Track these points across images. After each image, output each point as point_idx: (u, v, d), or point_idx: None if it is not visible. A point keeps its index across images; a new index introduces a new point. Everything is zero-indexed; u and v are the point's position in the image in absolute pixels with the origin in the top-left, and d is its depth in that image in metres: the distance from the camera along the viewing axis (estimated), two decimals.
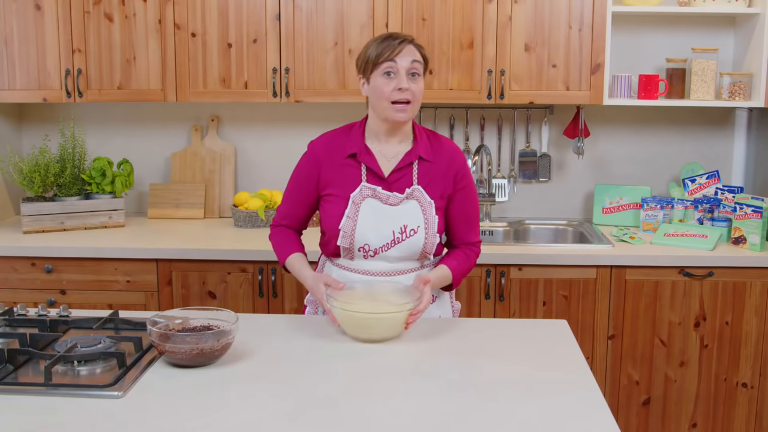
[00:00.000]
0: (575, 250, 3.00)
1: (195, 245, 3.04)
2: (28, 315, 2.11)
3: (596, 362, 3.02)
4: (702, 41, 3.40)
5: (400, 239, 2.09)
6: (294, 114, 3.58)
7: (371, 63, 2.04)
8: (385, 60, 2.02)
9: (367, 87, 2.09)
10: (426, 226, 2.10)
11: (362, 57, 2.09)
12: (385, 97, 2.03)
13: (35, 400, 1.62)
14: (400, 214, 2.09)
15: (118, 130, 3.66)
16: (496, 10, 3.11)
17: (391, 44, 2.03)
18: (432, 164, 2.13)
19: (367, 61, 2.06)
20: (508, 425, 1.52)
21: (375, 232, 2.08)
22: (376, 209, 2.09)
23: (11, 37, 3.24)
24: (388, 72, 2.02)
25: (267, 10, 3.17)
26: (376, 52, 2.04)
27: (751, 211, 2.98)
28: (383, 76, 2.03)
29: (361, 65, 2.09)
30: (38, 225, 3.21)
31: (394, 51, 2.02)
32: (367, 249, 2.10)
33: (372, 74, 2.05)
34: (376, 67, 2.04)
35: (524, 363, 1.84)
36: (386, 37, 2.07)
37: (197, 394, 1.65)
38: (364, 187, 2.10)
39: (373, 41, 2.09)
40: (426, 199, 2.11)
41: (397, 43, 2.03)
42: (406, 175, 2.12)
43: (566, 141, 3.53)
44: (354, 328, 1.95)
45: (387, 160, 2.12)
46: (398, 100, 2.03)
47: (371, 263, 2.12)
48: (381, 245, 2.09)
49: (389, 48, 2.02)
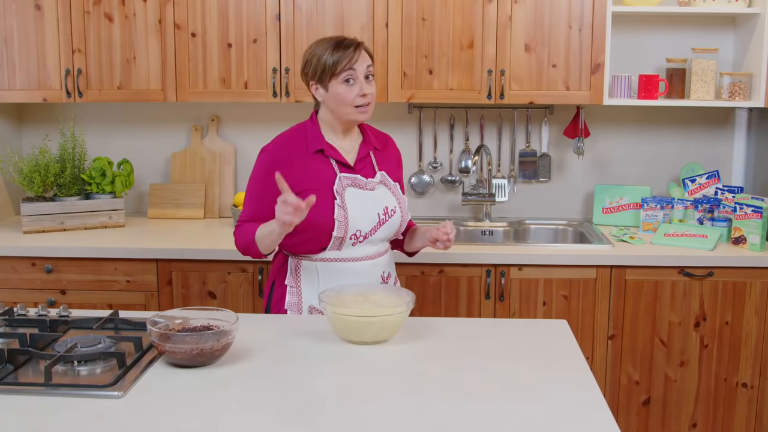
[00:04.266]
0: (575, 250, 3.00)
1: (195, 245, 3.04)
2: (28, 315, 2.11)
3: (596, 362, 3.02)
4: (702, 41, 3.40)
5: (385, 220, 2.24)
6: (294, 114, 3.58)
7: (329, 71, 2.13)
8: (344, 69, 2.13)
9: (322, 92, 2.19)
10: (400, 206, 2.29)
11: (315, 64, 2.16)
12: (349, 103, 2.16)
13: (35, 400, 1.62)
14: (380, 197, 2.25)
15: (118, 130, 3.66)
16: (496, 10, 3.11)
17: (347, 53, 2.13)
18: (382, 152, 2.34)
19: (323, 70, 2.14)
20: (508, 425, 1.52)
21: (364, 217, 2.20)
22: (359, 196, 2.21)
23: (11, 37, 3.24)
24: (347, 79, 2.14)
25: (267, 10, 3.17)
26: (332, 60, 2.12)
27: (751, 211, 2.98)
28: (343, 84, 2.14)
29: (315, 73, 2.17)
30: (38, 225, 3.21)
31: (352, 59, 2.13)
32: (358, 235, 2.20)
33: (330, 82, 2.15)
34: (335, 76, 2.14)
35: (524, 363, 1.84)
36: (337, 43, 2.15)
37: (197, 394, 1.65)
38: (342, 177, 2.20)
39: (322, 48, 2.16)
40: (391, 182, 2.31)
41: (353, 50, 2.14)
42: (368, 164, 2.28)
43: (566, 141, 3.53)
44: (346, 332, 1.95)
45: (347, 152, 2.26)
46: (361, 104, 2.16)
47: (358, 249, 2.22)
48: (370, 229, 2.22)
49: (346, 57, 2.12)
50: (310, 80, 2.20)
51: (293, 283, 2.26)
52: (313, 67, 2.16)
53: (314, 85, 2.19)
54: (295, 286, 2.25)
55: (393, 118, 3.56)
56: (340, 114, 2.19)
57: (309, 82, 2.21)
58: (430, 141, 3.57)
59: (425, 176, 3.58)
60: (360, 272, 2.23)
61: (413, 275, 2.98)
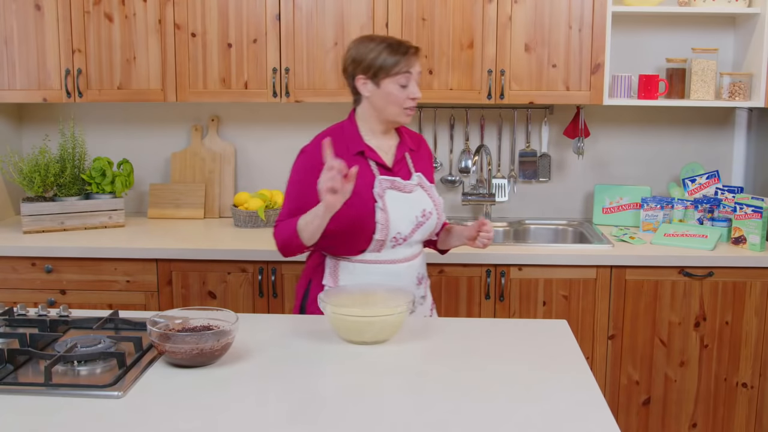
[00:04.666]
0: (575, 250, 3.00)
1: (195, 245, 3.04)
2: (28, 315, 2.11)
3: (596, 362, 3.02)
4: (702, 41, 3.40)
5: (422, 223, 2.25)
6: (294, 114, 3.59)
7: (385, 70, 2.16)
8: (401, 71, 2.17)
9: (371, 87, 2.19)
10: (436, 208, 2.29)
11: (371, 60, 2.17)
12: (399, 104, 2.19)
13: (35, 400, 1.62)
14: (418, 200, 2.26)
15: (118, 130, 3.66)
16: (496, 10, 3.11)
17: (407, 56, 2.17)
18: (417, 153, 2.35)
19: (381, 68, 2.16)
20: (508, 425, 1.52)
21: (404, 219, 2.21)
22: (399, 198, 2.22)
23: (11, 37, 3.24)
24: (402, 81, 2.17)
25: (267, 10, 3.17)
26: (392, 61, 2.15)
27: (751, 211, 2.98)
28: (397, 85, 2.17)
29: (369, 68, 2.17)
30: (38, 225, 3.21)
31: (410, 63, 2.18)
32: (398, 237, 2.22)
33: (384, 80, 2.17)
34: (391, 76, 2.16)
35: (524, 363, 1.84)
36: (396, 45, 2.18)
37: (197, 394, 1.65)
38: (382, 180, 2.21)
39: (381, 47, 2.17)
40: (427, 184, 2.32)
41: (411, 54, 2.19)
42: (404, 166, 2.29)
43: (566, 141, 3.53)
44: (346, 332, 1.95)
45: (385, 153, 2.26)
46: (409, 106, 2.20)
47: (398, 251, 2.24)
48: (409, 231, 2.23)
49: (405, 61, 2.17)
50: (359, 74, 2.19)
51: (332, 283, 2.26)
52: (368, 62, 2.17)
53: (363, 80, 2.19)
54: (334, 286, 2.24)
55: None
56: (386, 113, 2.21)
57: (357, 75, 2.19)
58: (430, 141, 3.57)
59: None
60: (397, 274, 2.24)
61: None
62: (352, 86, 2.24)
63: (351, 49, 2.23)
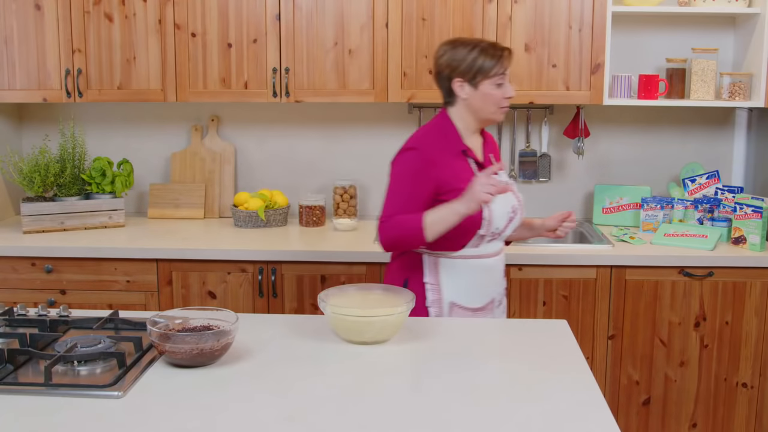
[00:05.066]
0: (575, 250, 3.00)
1: (195, 245, 3.04)
2: (28, 315, 2.11)
3: (596, 362, 3.02)
4: (702, 41, 3.40)
5: (512, 217, 2.34)
6: (294, 114, 3.59)
7: (483, 72, 2.23)
8: (498, 73, 2.24)
9: (468, 90, 2.26)
10: (519, 203, 2.39)
11: (469, 63, 2.24)
12: (495, 103, 2.27)
13: (35, 400, 1.62)
14: (508, 196, 2.33)
15: (118, 130, 3.66)
16: (496, 10, 3.11)
17: (502, 60, 2.25)
18: (495, 153, 2.45)
19: (479, 70, 2.23)
20: (509, 425, 1.52)
21: (502, 215, 2.30)
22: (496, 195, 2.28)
23: (11, 37, 3.24)
24: (499, 82, 2.25)
25: (267, 10, 3.17)
26: (489, 64, 2.23)
27: (751, 211, 2.98)
28: (494, 85, 2.25)
29: (468, 71, 2.24)
30: (38, 225, 3.21)
31: (505, 65, 2.26)
32: (496, 232, 2.31)
33: (482, 82, 2.25)
34: (488, 78, 2.24)
35: (524, 363, 1.84)
36: (490, 47, 2.25)
37: (197, 394, 1.65)
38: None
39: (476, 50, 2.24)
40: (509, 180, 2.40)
41: (506, 56, 2.27)
42: (490, 164, 2.37)
43: (566, 141, 3.53)
44: (346, 332, 1.95)
45: (478, 152, 2.36)
46: (504, 105, 2.29)
47: (491, 245, 2.34)
48: (503, 226, 2.32)
49: (501, 63, 2.25)
50: (456, 77, 2.25)
51: (433, 280, 2.29)
52: (466, 66, 2.24)
53: (460, 83, 2.26)
54: (435, 282, 2.29)
55: (393, 118, 3.56)
56: (482, 112, 2.28)
57: (454, 78, 2.26)
58: None
59: None
60: (492, 267, 2.35)
61: None
62: (447, 89, 2.30)
63: (445, 54, 2.28)
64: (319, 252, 2.98)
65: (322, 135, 3.58)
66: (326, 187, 3.60)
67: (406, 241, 2.20)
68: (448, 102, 2.33)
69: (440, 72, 2.30)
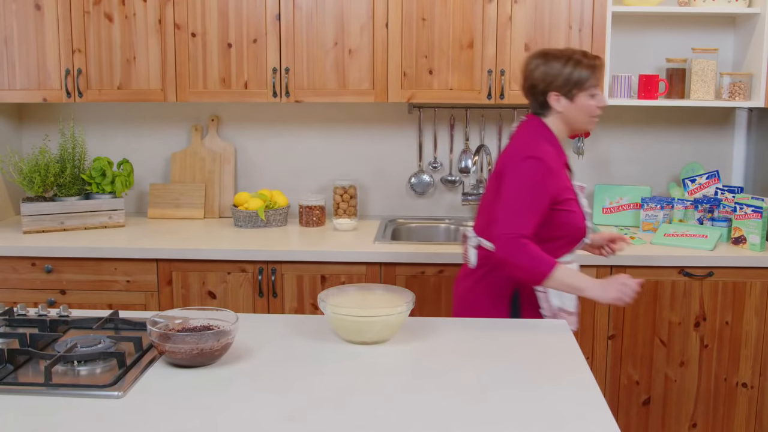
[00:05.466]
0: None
1: (195, 245, 3.04)
2: (28, 315, 2.11)
3: (596, 362, 3.02)
4: (702, 41, 3.40)
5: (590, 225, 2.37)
6: (294, 114, 3.59)
7: (579, 84, 2.24)
8: (593, 85, 2.26)
9: (564, 103, 2.27)
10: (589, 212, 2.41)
11: (565, 78, 2.24)
12: (592, 114, 2.29)
13: (35, 400, 1.62)
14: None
15: (118, 130, 3.66)
16: (496, 10, 3.11)
17: (596, 71, 2.26)
18: None
19: (575, 84, 2.24)
20: (508, 425, 1.52)
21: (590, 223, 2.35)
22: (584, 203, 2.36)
23: (11, 37, 3.24)
24: (593, 93, 2.27)
25: (267, 10, 3.17)
26: (585, 75, 2.24)
27: (751, 211, 2.98)
28: (589, 97, 2.27)
29: (565, 85, 2.25)
30: (38, 225, 3.21)
31: (599, 75, 2.28)
32: (586, 240, 2.36)
33: (579, 94, 2.26)
34: (585, 90, 2.25)
35: (524, 363, 1.84)
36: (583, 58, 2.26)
37: (197, 394, 1.65)
38: (577, 187, 2.36)
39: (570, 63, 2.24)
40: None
41: (599, 66, 2.28)
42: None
43: (566, 141, 3.53)
44: (346, 332, 1.95)
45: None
46: (597, 114, 2.31)
47: (576, 252, 2.39)
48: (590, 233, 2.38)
49: (596, 74, 2.26)
50: (552, 91, 2.25)
51: (542, 287, 2.27)
52: (563, 79, 2.24)
53: (556, 96, 2.26)
54: (545, 291, 2.29)
55: (393, 118, 3.56)
56: (578, 123, 2.31)
57: (550, 92, 2.26)
58: (430, 141, 3.57)
59: (425, 176, 3.58)
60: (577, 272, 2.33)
61: (413, 275, 2.98)
62: (541, 102, 2.29)
63: (538, 67, 2.28)
64: (319, 252, 2.98)
65: (322, 135, 3.58)
66: (326, 187, 3.60)
67: (526, 273, 2.15)
68: (540, 113, 2.32)
69: (534, 86, 2.29)
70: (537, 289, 2.30)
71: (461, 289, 2.44)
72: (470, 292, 2.39)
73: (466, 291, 2.42)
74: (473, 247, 2.39)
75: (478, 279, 2.37)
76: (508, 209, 2.18)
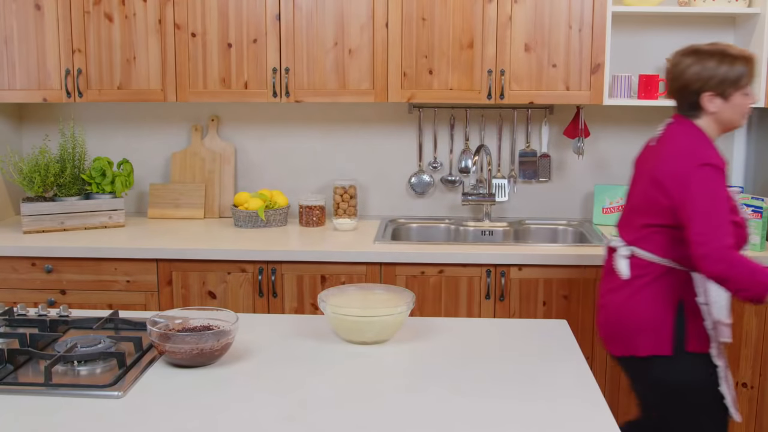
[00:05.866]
0: (575, 250, 3.00)
1: (195, 245, 3.04)
2: (28, 315, 2.11)
3: (596, 362, 3.02)
4: (702, 41, 3.38)
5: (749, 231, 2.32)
6: (294, 114, 3.59)
7: (736, 83, 2.17)
8: (750, 83, 2.20)
9: (719, 103, 2.20)
10: None
11: (721, 77, 2.17)
12: (743, 112, 2.22)
13: (35, 400, 1.62)
14: None
15: (118, 130, 3.66)
16: (496, 10, 3.11)
17: (751, 66, 2.19)
18: None
19: (732, 82, 2.17)
20: (509, 425, 1.52)
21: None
22: None
23: (11, 37, 3.24)
24: (747, 91, 2.20)
25: (267, 10, 3.17)
26: (742, 73, 2.17)
27: (751, 211, 2.98)
28: (743, 94, 2.20)
29: (722, 84, 2.17)
30: (38, 225, 3.21)
31: (753, 71, 2.20)
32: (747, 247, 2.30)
33: (734, 93, 2.18)
34: (741, 88, 2.18)
35: (524, 363, 1.84)
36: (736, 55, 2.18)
37: (197, 394, 1.65)
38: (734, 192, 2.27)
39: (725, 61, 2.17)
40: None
41: (752, 61, 2.20)
42: None
43: (566, 141, 3.53)
44: (346, 332, 1.95)
45: None
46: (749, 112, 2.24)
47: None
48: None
49: (750, 70, 2.19)
50: (707, 91, 2.19)
51: (705, 299, 2.19)
52: (719, 79, 2.17)
53: (710, 96, 2.19)
54: (707, 302, 2.19)
55: (393, 118, 3.56)
56: (731, 122, 2.23)
57: (704, 93, 2.19)
58: (430, 141, 3.57)
59: (425, 176, 3.58)
60: None
61: (413, 275, 2.98)
62: (693, 102, 2.22)
63: (690, 67, 2.21)
64: (319, 252, 2.98)
65: (321, 135, 3.58)
66: (326, 187, 3.61)
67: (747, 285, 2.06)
68: (690, 115, 2.24)
69: (687, 86, 2.21)
70: (700, 301, 2.19)
71: (616, 301, 2.31)
72: (628, 304, 2.27)
73: (622, 303, 2.28)
74: (624, 257, 2.29)
75: (637, 290, 2.26)
76: (707, 223, 2.08)
